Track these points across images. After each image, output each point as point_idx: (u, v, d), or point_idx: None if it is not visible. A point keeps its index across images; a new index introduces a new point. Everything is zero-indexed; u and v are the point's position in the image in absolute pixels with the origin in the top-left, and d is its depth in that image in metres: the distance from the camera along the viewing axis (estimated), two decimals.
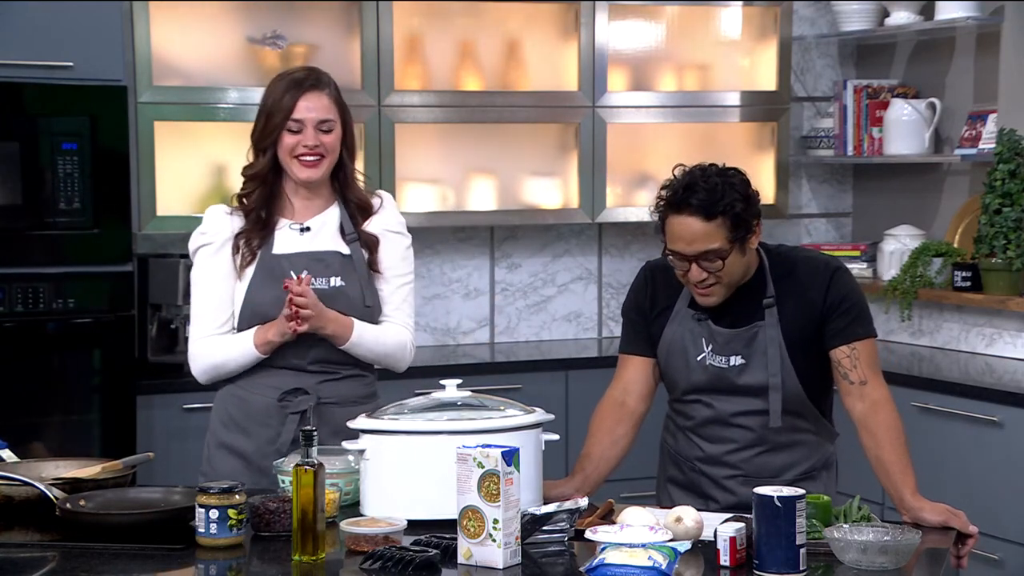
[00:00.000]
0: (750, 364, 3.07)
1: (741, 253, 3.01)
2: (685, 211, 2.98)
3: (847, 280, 3.10)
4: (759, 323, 3.07)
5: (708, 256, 2.98)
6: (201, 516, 2.66)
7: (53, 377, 4.48)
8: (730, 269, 3.01)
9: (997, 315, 5.11)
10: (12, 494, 2.91)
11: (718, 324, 3.09)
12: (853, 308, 3.07)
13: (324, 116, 3.30)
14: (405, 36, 5.21)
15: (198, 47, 5.03)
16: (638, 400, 3.21)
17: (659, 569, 2.40)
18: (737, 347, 3.08)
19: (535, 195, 5.45)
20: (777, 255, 3.14)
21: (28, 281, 4.41)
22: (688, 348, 3.12)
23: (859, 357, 3.04)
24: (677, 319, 3.15)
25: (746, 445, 3.12)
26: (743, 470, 3.12)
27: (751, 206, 3.01)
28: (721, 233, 2.97)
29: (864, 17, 5.64)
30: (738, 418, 3.11)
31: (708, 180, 2.98)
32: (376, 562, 2.55)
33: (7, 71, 4.37)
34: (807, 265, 3.11)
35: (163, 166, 4.88)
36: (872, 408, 3.01)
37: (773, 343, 3.05)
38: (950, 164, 5.48)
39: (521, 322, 5.70)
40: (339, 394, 3.31)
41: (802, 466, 3.15)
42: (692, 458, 3.18)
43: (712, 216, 2.96)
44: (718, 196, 2.96)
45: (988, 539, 4.29)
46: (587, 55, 5.34)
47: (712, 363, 3.10)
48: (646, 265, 3.29)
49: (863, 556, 2.54)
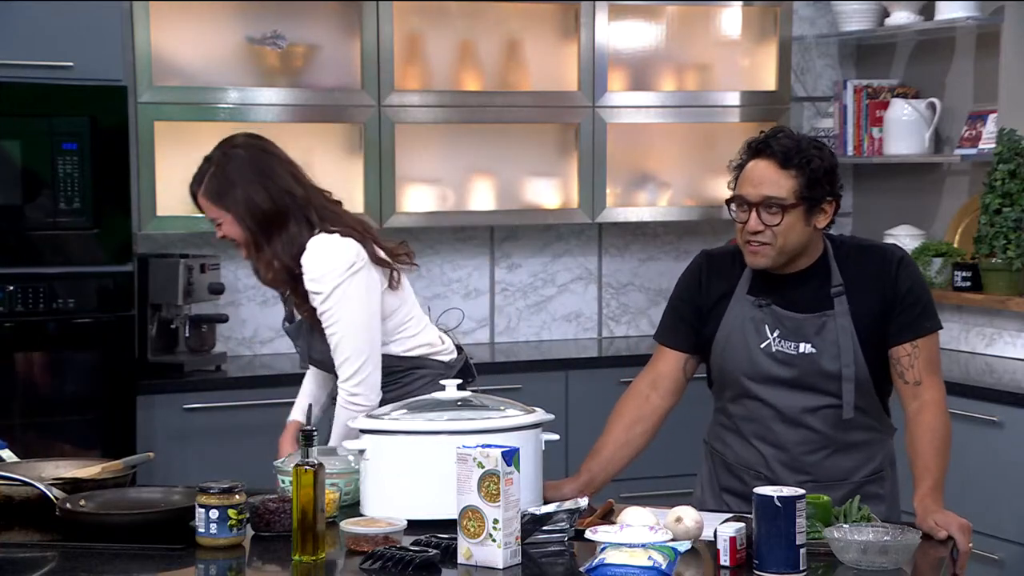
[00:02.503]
0: (820, 353, 2.98)
1: (805, 221, 2.94)
2: (763, 154, 2.94)
3: (913, 270, 3.03)
4: (828, 311, 2.98)
5: (771, 204, 2.91)
6: (201, 516, 2.66)
7: (53, 377, 4.48)
8: (787, 230, 2.92)
9: (997, 315, 5.12)
10: (12, 494, 2.91)
11: (782, 308, 3.01)
12: (919, 301, 2.99)
13: (210, 218, 3.33)
14: (405, 36, 5.21)
15: (198, 47, 5.03)
16: (664, 395, 3.12)
17: (659, 569, 2.40)
18: (808, 334, 2.98)
19: (535, 195, 5.46)
20: (842, 243, 3.06)
21: (28, 281, 4.41)
22: (750, 336, 3.02)
23: (919, 356, 2.97)
24: (737, 306, 3.05)
25: (813, 447, 3.02)
26: (812, 475, 3.01)
27: (831, 178, 2.95)
28: (791, 185, 2.91)
29: (864, 17, 5.64)
30: (804, 416, 3.01)
31: (794, 135, 2.97)
32: (376, 562, 2.55)
33: (7, 71, 4.37)
34: (873, 254, 3.04)
35: (163, 166, 4.88)
36: (920, 409, 2.96)
37: (845, 332, 2.96)
38: (950, 164, 5.48)
39: (521, 322, 5.70)
40: None
41: (870, 466, 3.06)
42: (755, 465, 3.08)
43: (788, 165, 2.91)
44: (800, 148, 2.92)
45: (988, 539, 4.30)
46: (587, 55, 5.35)
47: (780, 349, 2.99)
48: (702, 252, 3.18)
49: (863, 556, 2.54)
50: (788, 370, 3.01)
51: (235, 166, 3.28)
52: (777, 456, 3.05)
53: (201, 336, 4.92)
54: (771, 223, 2.93)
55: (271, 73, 5.09)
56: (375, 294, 3.30)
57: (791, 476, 3.01)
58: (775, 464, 3.05)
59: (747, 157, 2.98)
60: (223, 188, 3.27)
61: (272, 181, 3.28)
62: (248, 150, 3.31)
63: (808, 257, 3.01)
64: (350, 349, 3.27)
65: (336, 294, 3.25)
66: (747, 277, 3.05)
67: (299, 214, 3.28)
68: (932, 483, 2.88)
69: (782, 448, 3.04)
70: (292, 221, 3.27)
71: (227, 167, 3.28)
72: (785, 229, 2.93)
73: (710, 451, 3.20)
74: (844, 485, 3.02)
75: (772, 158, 2.93)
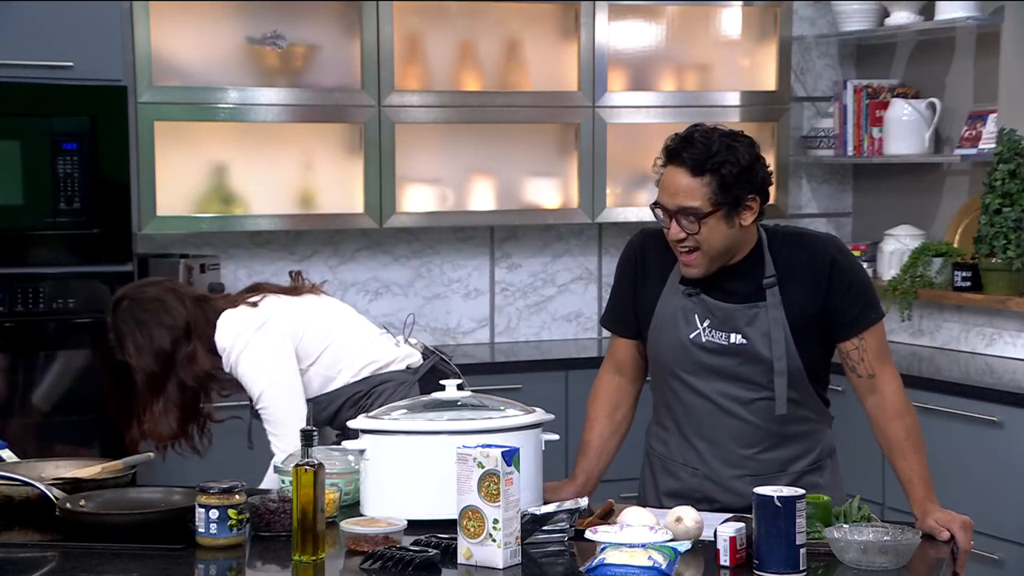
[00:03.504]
0: (752, 343, 2.95)
1: (727, 224, 2.89)
2: (675, 162, 2.90)
3: (849, 263, 2.99)
4: (760, 303, 2.95)
5: (686, 213, 2.87)
6: (201, 516, 2.66)
7: (53, 377, 4.48)
8: (709, 237, 2.88)
9: (997, 315, 5.11)
10: (12, 494, 2.91)
11: (713, 298, 2.97)
12: (860, 294, 2.96)
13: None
14: (405, 36, 5.21)
15: (198, 47, 5.03)
16: (631, 379, 3.14)
17: (659, 569, 2.40)
18: (738, 324, 2.95)
19: (535, 195, 5.45)
20: (776, 233, 3.01)
21: (28, 281, 4.41)
22: (680, 325, 2.99)
23: (867, 349, 2.95)
24: (668, 295, 3.02)
25: (749, 441, 2.99)
26: (748, 468, 2.99)
27: (747, 176, 2.88)
28: (704, 192, 2.86)
29: (864, 17, 5.64)
30: (738, 408, 2.98)
31: (708, 137, 2.90)
32: (376, 562, 2.55)
33: (7, 71, 4.37)
34: (807, 245, 2.99)
35: (163, 166, 4.88)
36: (881, 404, 2.94)
37: (777, 325, 2.93)
38: (950, 164, 5.48)
39: (521, 322, 5.70)
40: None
41: (808, 457, 3.04)
42: (691, 462, 3.05)
43: (699, 172, 2.86)
44: (711, 153, 2.86)
45: (988, 539, 4.30)
46: (587, 55, 5.35)
47: (711, 339, 2.96)
48: (640, 231, 3.14)
49: (863, 556, 2.54)
50: (719, 359, 2.97)
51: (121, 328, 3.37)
52: (712, 451, 3.02)
53: None
54: (691, 231, 2.90)
55: (271, 73, 5.08)
56: (285, 349, 3.36)
57: (727, 470, 3.01)
58: (711, 459, 3.02)
59: (665, 161, 2.95)
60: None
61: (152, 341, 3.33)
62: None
63: (741, 251, 2.97)
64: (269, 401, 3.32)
65: (247, 355, 3.31)
66: (679, 266, 3.00)
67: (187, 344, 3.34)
68: (924, 486, 2.87)
69: (717, 443, 3.02)
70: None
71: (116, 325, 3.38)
72: (707, 235, 2.90)
73: (648, 451, 3.18)
74: (782, 477, 2.99)
75: (683, 165, 2.89)
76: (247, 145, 5.11)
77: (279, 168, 5.13)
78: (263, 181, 5.12)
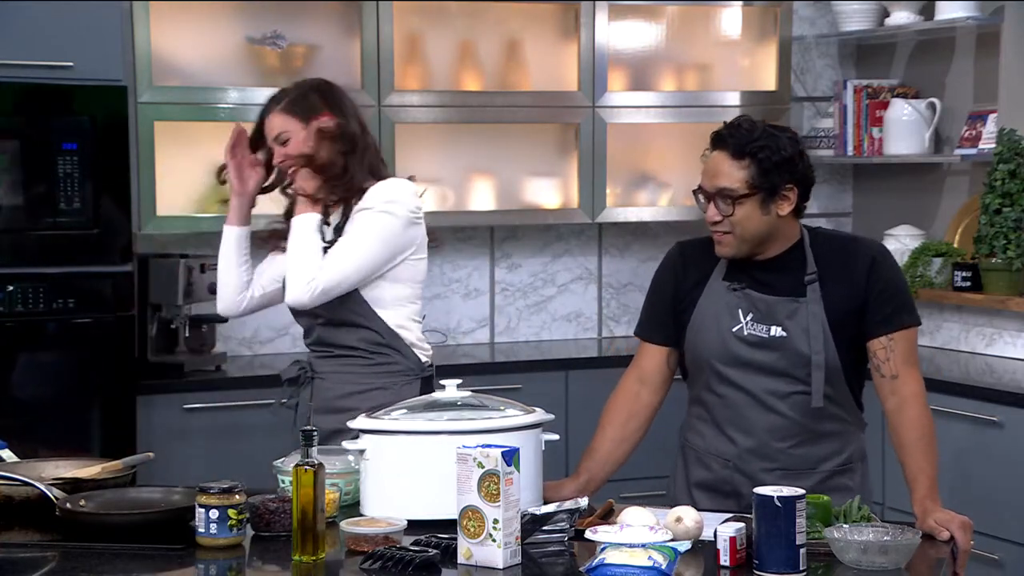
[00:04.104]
0: (791, 337, 3.00)
1: (763, 210, 2.96)
2: (719, 146, 2.99)
3: (890, 265, 3.05)
4: (801, 298, 3.01)
5: (724, 195, 2.95)
6: (201, 516, 2.66)
7: (53, 377, 4.48)
8: (743, 220, 2.96)
9: (997, 315, 5.12)
10: (12, 494, 2.91)
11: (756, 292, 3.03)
12: (895, 296, 3.01)
13: (275, 134, 3.48)
14: (405, 36, 5.21)
15: (198, 47, 5.03)
16: (653, 391, 3.16)
17: (659, 569, 2.40)
18: (779, 317, 3.01)
19: (535, 195, 5.46)
20: (820, 234, 3.10)
21: (28, 281, 4.41)
22: (723, 319, 3.04)
23: (895, 349, 2.98)
24: (711, 291, 3.08)
25: (784, 434, 3.03)
26: (780, 462, 3.03)
27: (786, 166, 2.96)
28: (741, 176, 2.95)
29: (864, 17, 5.64)
30: (775, 401, 3.02)
31: (753, 124, 2.99)
32: (376, 562, 2.55)
33: (7, 71, 4.37)
34: (851, 246, 3.07)
35: (163, 166, 4.88)
36: (900, 405, 2.97)
37: (816, 319, 2.98)
38: (950, 164, 5.48)
39: (521, 322, 5.70)
40: (332, 369, 3.47)
41: (839, 457, 3.07)
42: (725, 454, 3.09)
43: (739, 155, 2.94)
44: (753, 138, 2.95)
45: (988, 539, 4.30)
46: (587, 55, 5.35)
47: (753, 332, 3.02)
48: (676, 243, 3.23)
49: (863, 556, 2.54)
50: (760, 353, 3.03)
51: (327, 92, 3.50)
52: (747, 444, 3.05)
53: (201, 336, 4.92)
54: (726, 213, 2.97)
55: (271, 73, 5.08)
56: (397, 247, 3.40)
57: (759, 463, 3.04)
58: (744, 452, 3.06)
59: (710, 148, 3.03)
60: (312, 107, 3.45)
61: (356, 116, 3.51)
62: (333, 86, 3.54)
63: (779, 244, 3.03)
64: (337, 261, 3.36)
65: (374, 215, 3.37)
66: (723, 264, 3.09)
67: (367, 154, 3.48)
68: (928, 484, 2.88)
69: (753, 434, 3.05)
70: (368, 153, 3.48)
71: (322, 89, 3.50)
72: (741, 219, 2.97)
73: (683, 445, 3.22)
74: (813, 475, 3.03)
75: (726, 149, 2.98)
76: None
77: None
78: None
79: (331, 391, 3.45)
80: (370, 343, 3.43)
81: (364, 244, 3.37)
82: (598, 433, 3.15)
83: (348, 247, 3.37)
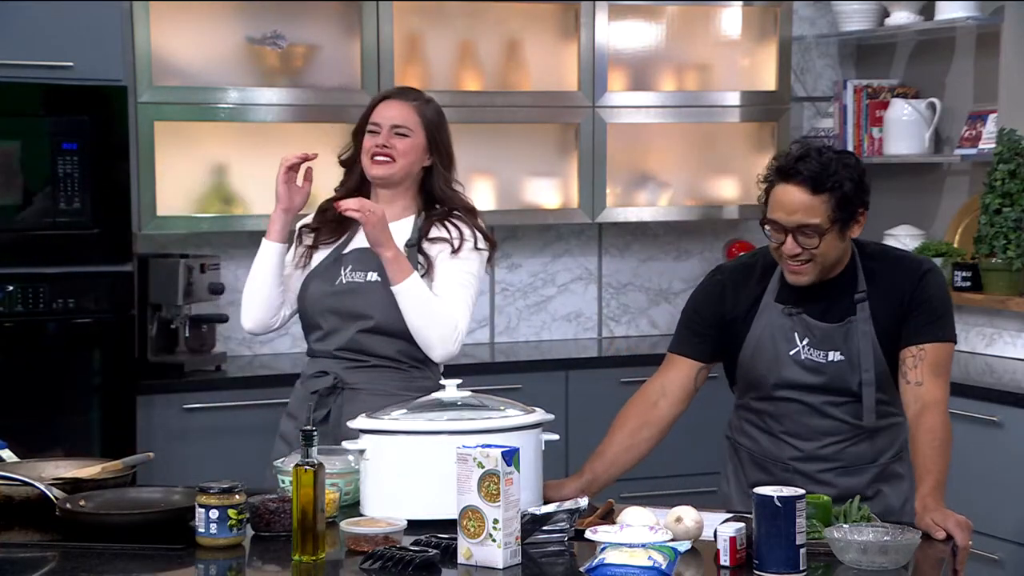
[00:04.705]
0: (849, 361, 3.02)
1: (840, 238, 2.97)
2: (793, 180, 2.94)
3: (937, 282, 3.06)
4: (852, 318, 3.03)
5: (806, 231, 2.94)
6: (201, 516, 2.66)
7: (53, 377, 4.48)
8: (826, 250, 2.96)
9: (997, 315, 5.11)
10: (12, 494, 2.91)
11: (812, 318, 3.05)
12: (936, 310, 3.02)
13: (400, 122, 3.45)
14: (405, 36, 5.21)
15: (198, 47, 5.03)
16: (672, 403, 3.14)
17: (659, 569, 2.40)
18: (837, 342, 3.03)
19: (535, 195, 5.45)
20: (869, 251, 3.10)
21: (28, 281, 4.41)
22: (779, 342, 3.06)
23: (923, 359, 2.99)
24: (765, 314, 3.08)
25: (840, 437, 3.06)
26: (840, 460, 3.07)
27: (861, 191, 2.97)
28: (824, 209, 2.93)
29: (864, 17, 5.64)
30: (831, 408, 3.05)
31: (822, 155, 2.96)
32: (376, 562, 2.55)
33: (7, 71, 4.37)
34: (899, 263, 3.08)
35: (163, 166, 4.88)
36: (921, 411, 2.97)
37: (866, 338, 3.01)
38: (950, 164, 5.48)
39: (521, 322, 5.70)
40: (368, 381, 3.37)
41: (894, 447, 3.11)
42: (782, 457, 3.11)
43: (819, 190, 2.92)
44: (830, 171, 2.93)
45: (988, 539, 4.30)
46: (587, 55, 5.35)
47: (810, 357, 3.03)
48: (716, 270, 3.23)
49: (863, 556, 2.54)
50: (817, 377, 3.06)
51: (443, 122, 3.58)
52: (805, 446, 3.08)
53: (201, 336, 4.92)
54: (809, 247, 2.96)
55: (271, 73, 5.08)
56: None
57: (818, 465, 3.07)
58: (804, 457, 3.08)
59: (775, 179, 2.99)
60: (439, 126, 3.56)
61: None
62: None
63: (840, 264, 3.05)
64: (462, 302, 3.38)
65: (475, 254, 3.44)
66: (774, 286, 3.09)
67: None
68: (933, 483, 2.88)
69: (810, 439, 3.08)
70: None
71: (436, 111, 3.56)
72: (824, 249, 2.97)
73: (734, 446, 3.22)
74: (870, 468, 3.09)
75: (803, 184, 2.94)
76: (247, 145, 5.11)
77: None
78: (263, 181, 5.08)
79: (365, 403, 3.28)
80: (407, 356, 3.39)
81: (474, 283, 3.41)
82: (608, 436, 3.14)
83: (464, 286, 3.38)
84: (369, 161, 3.45)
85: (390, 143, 3.43)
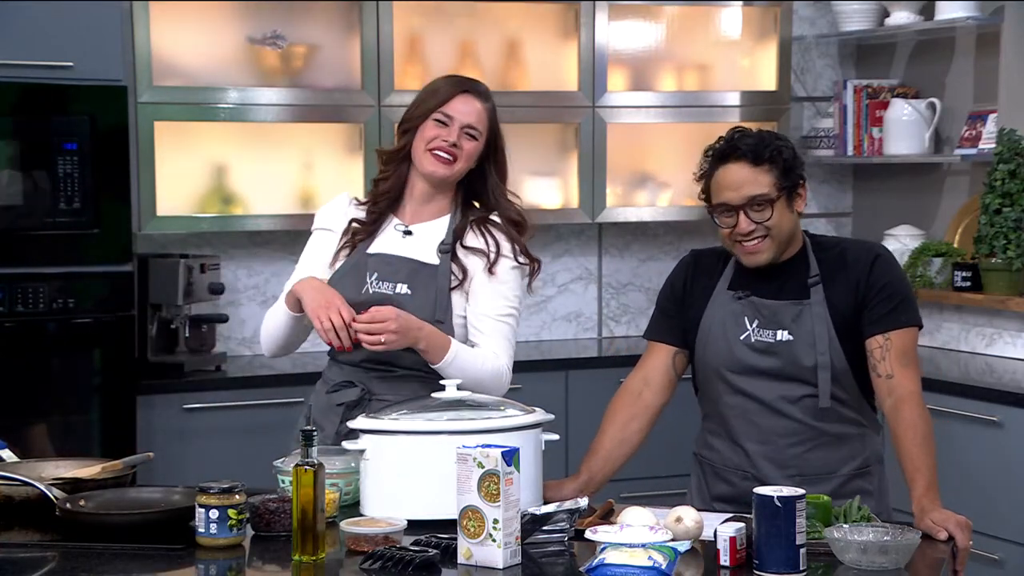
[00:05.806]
0: (797, 340, 3.01)
1: (789, 209, 3.01)
2: (732, 158, 3.00)
3: (890, 266, 3.06)
4: (805, 300, 3.03)
5: (756, 204, 2.97)
6: (201, 516, 2.66)
7: (53, 377, 4.48)
8: (778, 221, 2.99)
9: (997, 315, 5.12)
10: (12, 494, 2.91)
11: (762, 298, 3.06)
12: (895, 295, 3.02)
13: (473, 122, 3.27)
14: (405, 36, 5.21)
15: (198, 47, 5.03)
16: (656, 392, 3.16)
17: (659, 569, 2.40)
18: (784, 321, 3.03)
19: (535, 195, 5.45)
20: (819, 240, 3.13)
21: (28, 281, 4.41)
22: (729, 328, 3.07)
23: (890, 348, 2.98)
24: (717, 302, 3.10)
25: (797, 439, 3.03)
26: (797, 468, 3.03)
27: (798, 162, 3.03)
28: (769, 179, 2.98)
29: (864, 17, 5.64)
30: (785, 405, 3.03)
31: (752, 132, 3.04)
32: (376, 562, 2.55)
33: (7, 71, 4.37)
34: (851, 249, 3.09)
35: (163, 166, 4.88)
36: (896, 405, 2.96)
37: (820, 321, 3.01)
38: (950, 164, 5.48)
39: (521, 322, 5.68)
40: (395, 391, 3.24)
41: (856, 461, 3.08)
42: (741, 465, 3.09)
43: (760, 160, 2.98)
44: (766, 143, 3.00)
45: (988, 539, 4.30)
46: (587, 55, 5.35)
47: (759, 338, 3.04)
48: (691, 251, 3.27)
49: (863, 556, 2.54)
50: (767, 359, 3.04)
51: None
52: (762, 452, 3.06)
53: (201, 336, 4.92)
54: (761, 220, 2.99)
55: (271, 73, 5.08)
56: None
57: (777, 471, 3.04)
58: (760, 461, 3.06)
59: (713, 164, 3.05)
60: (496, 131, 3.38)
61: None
62: None
63: (793, 247, 3.07)
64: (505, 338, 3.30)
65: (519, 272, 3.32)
66: (728, 274, 3.13)
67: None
68: (926, 483, 2.87)
69: (766, 442, 3.06)
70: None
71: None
72: (777, 221, 3.00)
73: (698, 460, 3.22)
74: (831, 479, 3.04)
75: (743, 159, 3.00)
76: (247, 145, 5.12)
77: (279, 168, 5.13)
78: (263, 181, 5.12)
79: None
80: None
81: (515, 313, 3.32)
82: (599, 433, 3.16)
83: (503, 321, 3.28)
84: (428, 155, 3.23)
85: (459, 142, 3.25)
